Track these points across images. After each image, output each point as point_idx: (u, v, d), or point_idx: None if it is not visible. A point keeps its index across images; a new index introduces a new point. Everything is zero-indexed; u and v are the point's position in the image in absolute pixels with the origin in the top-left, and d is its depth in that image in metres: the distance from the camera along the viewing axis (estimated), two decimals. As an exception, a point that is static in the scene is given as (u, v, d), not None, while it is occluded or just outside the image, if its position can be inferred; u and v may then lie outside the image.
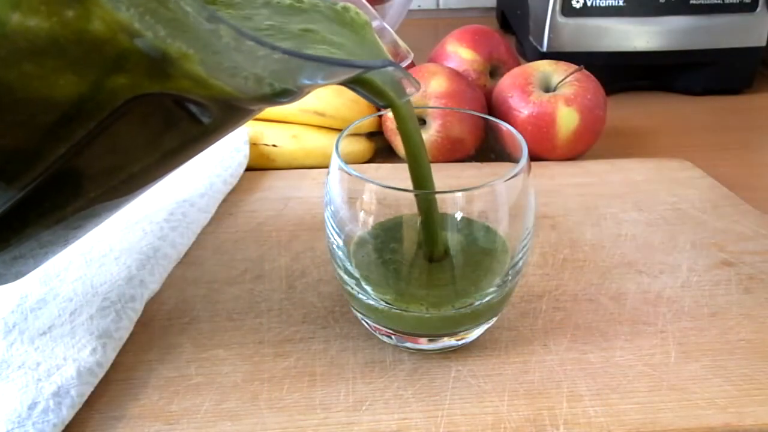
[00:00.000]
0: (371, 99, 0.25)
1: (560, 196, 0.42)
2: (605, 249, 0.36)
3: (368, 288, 0.27)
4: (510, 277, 0.27)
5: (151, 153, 0.20)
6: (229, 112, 0.20)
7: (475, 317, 0.28)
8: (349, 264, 0.27)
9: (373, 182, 0.25)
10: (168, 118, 0.19)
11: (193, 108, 0.19)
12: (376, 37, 0.25)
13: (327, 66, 0.19)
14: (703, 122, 0.58)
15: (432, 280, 0.27)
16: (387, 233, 0.28)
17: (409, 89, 0.25)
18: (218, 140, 0.22)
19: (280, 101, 0.19)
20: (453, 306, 0.26)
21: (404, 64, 0.26)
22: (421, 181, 0.27)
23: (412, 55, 0.27)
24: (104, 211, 0.22)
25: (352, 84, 0.24)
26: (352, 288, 0.27)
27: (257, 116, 0.47)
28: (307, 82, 0.19)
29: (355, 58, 0.23)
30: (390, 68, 0.22)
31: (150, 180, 0.22)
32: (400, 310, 0.26)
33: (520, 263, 0.28)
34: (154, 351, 0.29)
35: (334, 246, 0.28)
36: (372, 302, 0.27)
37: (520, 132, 0.28)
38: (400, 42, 0.26)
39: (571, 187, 0.43)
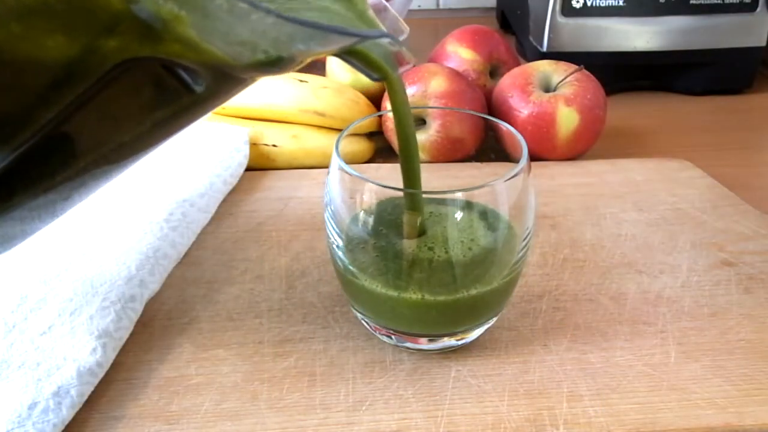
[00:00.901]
0: (365, 71, 0.24)
1: (560, 196, 0.42)
2: (605, 249, 0.36)
3: (367, 279, 0.27)
4: (511, 274, 0.27)
5: (142, 122, 0.20)
6: (222, 80, 0.19)
7: (474, 312, 0.27)
8: (349, 264, 0.27)
9: (373, 182, 0.25)
10: (159, 86, 0.19)
11: (185, 75, 0.18)
12: (370, 9, 0.25)
13: (321, 33, 0.19)
14: (703, 122, 0.58)
15: (430, 265, 0.27)
16: (377, 218, 0.27)
17: (403, 63, 0.25)
18: (210, 111, 0.21)
19: (274, 70, 0.19)
20: (450, 294, 0.26)
21: (401, 39, 0.26)
22: (407, 153, 0.27)
23: (408, 30, 0.27)
24: (94, 181, 0.21)
25: (347, 55, 0.23)
26: (355, 279, 0.27)
27: (257, 116, 0.47)
28: (301, 47, 0.19)
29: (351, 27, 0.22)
30: (385, 40, 0.21)
31: (141, 150, 0.21)
32: (397, 294, 0.26)
33: (520, 263, 0.28)
34: (154, 351, 0.29)
35: (334, 246, 0.28)
36: (371, 287, 0.27)
37: (520, 132, 0.28)
38: (399, 19, 0.26)
39: (571, 187, 0.43)
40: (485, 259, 0.27)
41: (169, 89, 0.19)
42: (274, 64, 0.19)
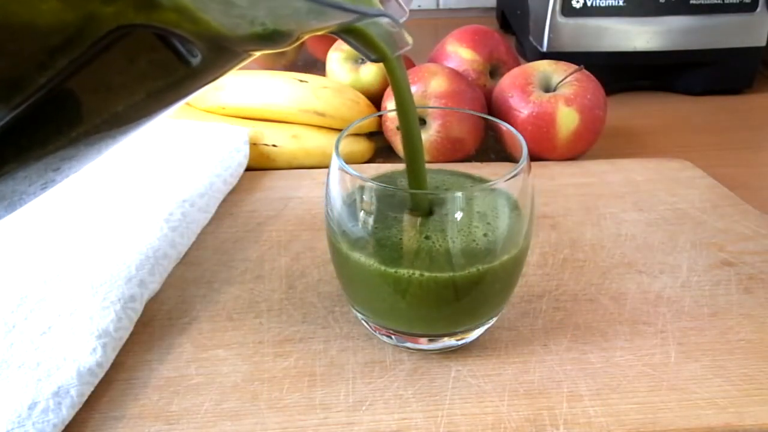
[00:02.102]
0: (363, 52, 0.24)
1: (560, 196, 0.42)
2: (605, 249, 0.36)
3: (367, 267, 0.27)
4: (510, 271, 0.27)
5: (136, 92, 0.19)
6: (218, 53, 0.19)
7: (474, 310, 0.27)
8: (349, 259, 0.27)
9: (373, 182, 0.25)
10: (154, 56, 0.18)
11: (180, 47, 0.18)
12: None
13: (320, 8, 0.19)
14: (703, 122, 0.58)
15: (430, 255, 0.27)
16: (381, 199, 0.27)
17: (402, 44, 0.25)
18: (206, 85, 0.21)
19: (270, 44, 0.19)
20: (450, 271, 0.26)
21: (401, 21, 0.26)
22: (410, 136, 0.27)
23: (408, 12, 0.26)
24: (86, 152, 0.21)
25: (345, 33, 0.23)
26: (355, 276, 0.27)
27: (257, 116, 0.47)
28: (299, 22, 0.19)
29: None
30: (384, 20, 0.21)
31: (135, 120, 0.21)
32: (394, 271, 0.26)
33: (519, 260, 0.28)
34: (154, 351, 0.29)
35: (334, 245, 0.28)
36: (372, 281, 0.26)
37: (520, 132, 0.28)
38: (401, 3, 0.26)
39: (571, 187, 0.43)
40: (485, 256, 0.27)
41: (164, 60, 0.18)
42: (271, 38, 0.18)
